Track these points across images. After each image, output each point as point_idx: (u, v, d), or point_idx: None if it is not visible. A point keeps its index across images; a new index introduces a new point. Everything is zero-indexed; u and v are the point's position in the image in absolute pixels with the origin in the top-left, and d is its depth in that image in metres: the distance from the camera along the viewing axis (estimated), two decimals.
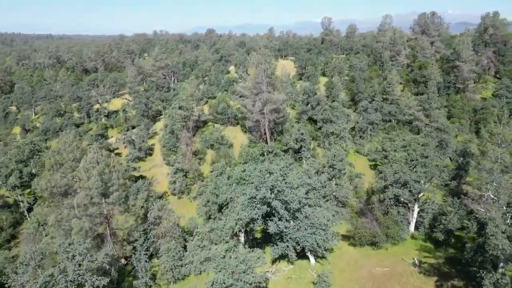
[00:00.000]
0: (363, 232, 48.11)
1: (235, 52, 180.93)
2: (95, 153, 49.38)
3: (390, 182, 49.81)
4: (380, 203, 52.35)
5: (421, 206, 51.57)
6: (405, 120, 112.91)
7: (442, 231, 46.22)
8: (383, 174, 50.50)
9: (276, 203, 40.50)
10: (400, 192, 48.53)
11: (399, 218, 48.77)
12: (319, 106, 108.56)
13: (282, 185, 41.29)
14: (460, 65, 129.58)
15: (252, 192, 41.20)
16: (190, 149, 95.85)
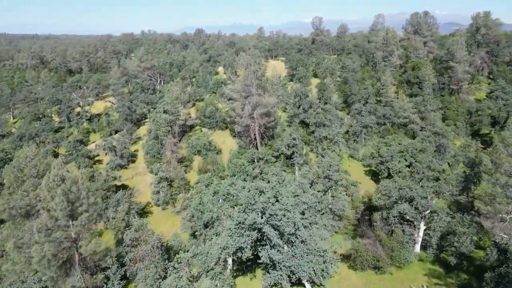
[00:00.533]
0: (365, 255, 42.49)
1: (224, 52, 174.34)
2: (60, 169, 42.62)
3: (395, 199, 44.20)
4: (383, 221, 46.70)
5: (427, 223, 46.08)
6: (400, 123, 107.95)
7: (454, 254, 40.77)
8: (387, 190, 44.81)
9: (268, 229, 34.42)
10: (406, 210, 42.95)
11: (405, 239, 43.24)
12: (311, 109, 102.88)
13: (274, 208, 35.23)
14: (454, 66, 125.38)
15: (240, 216, 35.05)
16: (175, 156, 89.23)
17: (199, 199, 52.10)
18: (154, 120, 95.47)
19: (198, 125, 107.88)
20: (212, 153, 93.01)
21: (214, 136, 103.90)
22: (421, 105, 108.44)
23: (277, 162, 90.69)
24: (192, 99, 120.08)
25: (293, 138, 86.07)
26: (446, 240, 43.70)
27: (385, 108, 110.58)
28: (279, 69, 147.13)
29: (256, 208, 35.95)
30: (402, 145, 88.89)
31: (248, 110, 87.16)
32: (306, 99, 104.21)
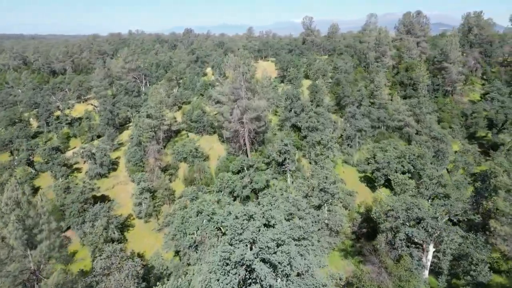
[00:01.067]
0: (369, 285, 36.88)
1: (212, 52, 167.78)
2: (14, 191, 36.01)
3: (402, 221, 38.65)
4: (388, 244, 41.13)
5: (436, 245, 40.68)
6: (395, 126, 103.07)
7: (470, 284, 35.43)
8: (392, 209, 39.18)
9: (259, 266, 28.44)
10: (415, 233, 37.45)
11: (413, 265, 37.80)
12: (303, 112, 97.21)
13: (266, 238, 29.30)
14: (448, 67, 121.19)
15: (225, 250, 28.98)
16: (159, 163, 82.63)
17: (181, 218, 45.84)
18: (137, 125, 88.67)
19: (184, 130, 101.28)
20: (199, 160, 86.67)
21: (201, 141, 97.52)
22: (417, 107, 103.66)
23: (268, 169, 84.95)
24: (178, 102, 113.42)
25: (284, 144, 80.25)
26: (459, 264, 38.31)
27: (379, 110, 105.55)
28: (269, 70, 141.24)
29: (244, 239, 29.96)
30: (399, 150, 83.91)
31: (237, 115, 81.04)
32: (297, 102, 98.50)
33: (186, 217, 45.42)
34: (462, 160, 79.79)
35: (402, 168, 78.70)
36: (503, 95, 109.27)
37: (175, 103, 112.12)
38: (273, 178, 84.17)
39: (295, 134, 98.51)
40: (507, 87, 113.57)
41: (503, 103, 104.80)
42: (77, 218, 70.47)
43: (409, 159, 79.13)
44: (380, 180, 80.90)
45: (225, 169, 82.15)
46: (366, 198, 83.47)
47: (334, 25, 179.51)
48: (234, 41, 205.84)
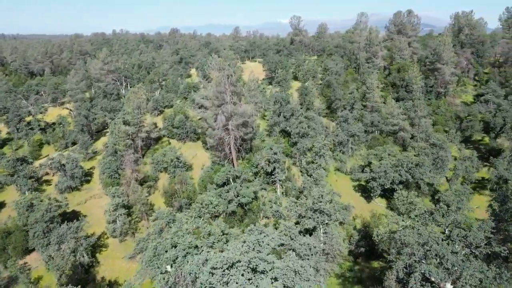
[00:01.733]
0: None
1: (198, 53, 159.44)
2: None
3: (418, 258, 31.74)
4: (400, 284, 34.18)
5: (454, 282, 33.93)
6: (389, 131, 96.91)
7: None
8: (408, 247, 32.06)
9: None
10: (434, 272, 30.58)
11: None
12: (293, 117, 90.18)
13: None
14: (441, 68, 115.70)
15: None
16: (136, 175, 74.39)
17: (153, 250, 38.07)
18: (113, 132, 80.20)
19: (165, 136, 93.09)
20: (181, 171, 78.76)
21: (184, 148, 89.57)
22: (411, 110, 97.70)
23: (256, 179, 77.67)
24: (160, 106, 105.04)
25: (274, 153, 73.10)
26: None
27: (373, 114, 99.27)
28: (257, 71, 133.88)
29: None
30: (395, 158, 77.56)
31: (222, 121, 73.38)
32: (287, 106, 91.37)
33: (159, 249, 37.70)
34: (463, 167, 73.80)
35: (399, 177, 72.38)
36: (499, 97, 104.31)
37: (156, 107, 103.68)
38: (262, 189, 76.99)
39: (285, 140, 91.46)
40: (502, 88, 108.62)
41: (500, 105, 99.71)
42: (42, 240, 61.94)
43: (406, 168, 72.82)
44: (376, 190, 74.47)
45: (209, 180, 74.52)
46: (361, 210, 76.98)
47: (322, 25, 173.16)
48: (220, 41, 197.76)
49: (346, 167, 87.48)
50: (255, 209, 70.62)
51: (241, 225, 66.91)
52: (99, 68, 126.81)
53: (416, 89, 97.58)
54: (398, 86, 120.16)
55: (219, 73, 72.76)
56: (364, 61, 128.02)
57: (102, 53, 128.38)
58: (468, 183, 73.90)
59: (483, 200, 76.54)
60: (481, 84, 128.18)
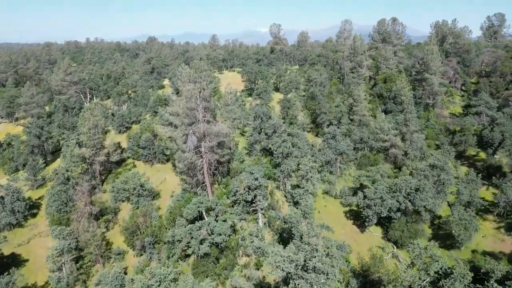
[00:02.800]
0: None
1: (172, 62, 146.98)
2: None
3: None
4: None
5: None
6: (379, 148, 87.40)
7: None
8: None
9: None
10: None
11: None
12: (275, 134, 79.28)
13: None
14: (429, 78, 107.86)
15: None
16: (90, 208, 61.35)
17: None
18: (65, 156, 66.97)
19: (131, 158, 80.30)
20: (146, 200, 66.28)
21: (151, 172, 77.11)
22: (402, 125, 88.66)
23: (235, 207, 66.03)
24: (126, 122, 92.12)
25: (254, 178, 61.80)
26: None
27: (362, 130, 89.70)
28: (236, 81, 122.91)
29: None
30: (391, 181, 67.72)
31: (193, 142, 61.57)
32: (268, 122, 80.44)
33: None
34: (466, 192, 64.48)
35: (397, 204, 62.37)
36: (491, 109, 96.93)
37: (121, 123, 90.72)
38: (241, 219, 65.42)
39: (267, 159, 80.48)
40: (492, 99, 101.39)
41: (493, 118, 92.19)
42: None
43: (405, 193, 62.94)
44: (372, 220, 64.12)
45: (179, 212, 62.29)
46: (355, 241, 66.53)
47: (303, 33, 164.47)
48: (197, 50, 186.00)
49: (335, 189, 77.04)
50: (233, 246, 59.07)
51: (217, 268, 55.14)
52: (60, 79, 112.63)
53: (407, 101, 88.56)
54: (385, 97, 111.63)
55: (190, 87, 61.12)
56: (348, 71, 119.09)
57: (64, 63, 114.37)
58: (473, 209, 64.57)
59: (488, 227, 67.63)
60: (469, 94, 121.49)
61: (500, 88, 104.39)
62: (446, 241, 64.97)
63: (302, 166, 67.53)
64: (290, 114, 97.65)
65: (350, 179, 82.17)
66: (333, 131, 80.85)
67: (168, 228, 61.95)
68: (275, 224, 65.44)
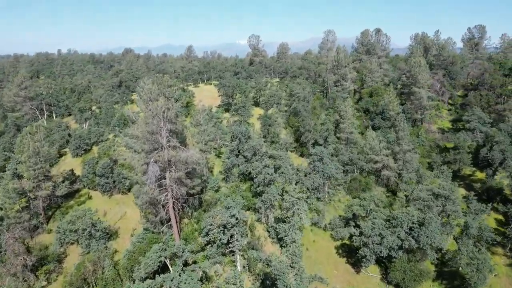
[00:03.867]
0: None
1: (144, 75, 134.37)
2: None
3: None
4: None
5: None
6: (370, 169, 77.87)
7: None
8: None
9: None
10: None
11: None
12: (255, 157, 68.49)
13: None
14: (418, 91, 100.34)
15: None
16: (23, 259, 48.20)
17: None
18: None
19: (86, 187, 67.46)
20: (100, 242, 53.68)
21: (110, 204, 64.51)
22: (394, 143, 79.68)
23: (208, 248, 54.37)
24: (84, 144, 79.14)
25: (231, 215, 50.58)
26: None
27: (350, 148, 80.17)
28: (212, 96, 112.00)
29: None
30: (390, 213, 57.83)
31: (155, 173, 49.83)
32: (247, 143, 69.60)
33: None
34: (475, 223, 55.21)
35: (399, 241, 52.36)
36: (485, 125, 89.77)
37: (78, 145, 77.74)
38: (216, 262, 53.75)
39: (246, 186, 69.46)
40: (484, 114, 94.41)
41: (488, 135, 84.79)
42: None
43: (407, 228, 53.08)
44: (370, 259, 53.76)
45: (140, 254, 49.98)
46: (348, 283, 55.95)
47: (283, 45, 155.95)
48: (173, 62, 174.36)
49: (324, 220, 66.52)
50: None
51: None
52: (13, 95, 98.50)
53: (400, 118, 79.75)
54: (372, 112, 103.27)
55: (151, 106, 49.65)
56: (332, 84, 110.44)
57: (18, 76, 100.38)
58: (484, 245, 55.25)
59: (499, 263, 58.44)
60: (456, 108, 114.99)
61: (492, 102, 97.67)
62: (453, 281, 55.42)
63: (287, 196, 56.76)
64: (272, 132, 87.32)
65: (340, 206, 72.09)
66: (320, 152, 70.67)
67: (125, 278, 49.60)
68: (256, 267, 54.16)
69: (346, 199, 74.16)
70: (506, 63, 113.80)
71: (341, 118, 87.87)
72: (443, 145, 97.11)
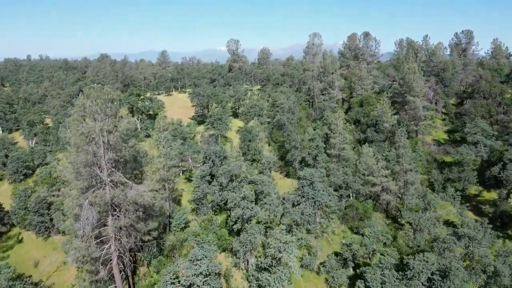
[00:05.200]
0: None
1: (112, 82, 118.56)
2: None
3: None
4: None
5: None
6: (368, 194, 65.32)
7: None
8: None
9: None
10: None
11: None
12: (232, 183, 54.78)
13: None
14: (413, 101, 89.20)
15: None
16: None
17: None
18: None
19: (17, 226, 51.82)
20: None
21: (44, 249, 49.30)
22: (393, 162, 67.66)
23: None
24: (24, 167, 63.27)
25: (196, 274, 36.64)
26: None
27: (344, 169, 67.46)
28: (186, 105, 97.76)
29: None
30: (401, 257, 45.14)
31: (91, 220, 35.21)
32: (223, 166, 55.76)
33: None
34: (507, 270, 43.03)
35: None
36: (489, 138, 79.15)
37: (17, 169, 61.89)
38: None
39: (222, 218, 55.53)
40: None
41: (493, 149, 74.24)
42: None
43: (425, 279, 40.38)
44: None
45: None
46: None
47: (264, 50, 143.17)
48: (144, 68, 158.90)
49: (317, 260, 53.20)
50: None
51: None
52: None
53: (400, 133, 67.75)
54: (363, 124, 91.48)
55: (84, 129, 35.27)
56: (318, 92, 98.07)
57: None
58: None
59: None
60: (451, 117, 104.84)
61: (493, 111, 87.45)
62: None
63: (273, 241, 43.15)
64: (253, 148, 73.79)
65: (335, 239, 59.15)
66: (310, 175, 57.60)
67: None
68: None
69: (341, 229, 61.31)
70: (502, 69, 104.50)
71: (331, 132, 75.28)
72: (440, 159, 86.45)
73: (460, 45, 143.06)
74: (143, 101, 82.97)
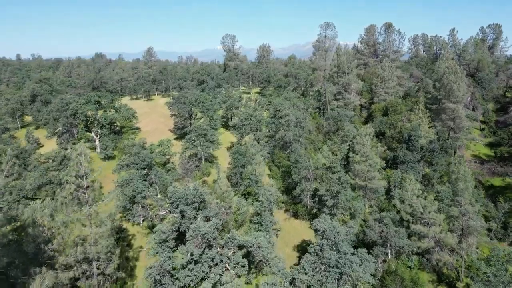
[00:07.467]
0: None
1: (84, 86, 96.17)
2: None
3: None
4: None
5: None
6: (414, 249, 42.94)
7: None
8: None
9: None
10: None
11: None
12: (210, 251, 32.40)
13: None
14: (454, 108, 66.76)
15: None
16: None
17: None
18: None
19: None
20: None
21: None
22: (446, 201, 45.40)
23: None
24: None
25: None
26: None
27: (380, 215, 45.05)
28: (167, 115, 75.53)
29: None
30: None
31: None
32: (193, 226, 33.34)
33: None
34: None
35: None
36: None
37: None
38: None
39: None
40: None
41: None
42: None
43: None
44: None
45: None
46: None
47: (264, 47, 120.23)
48: (124, 67, 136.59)
49: None
50: None
51: None
52: None
53: (458, 160, 45.29)
54: (388, 137, 68.93)
55: None
56: (331, 97, 75.41)
57: None
58: None
59: None
60: (490, 127, 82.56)
61: None
62: None
63: None
64: (247, 177, 51.37)
65: None
66: (332, 232, 35.24)
67: None
68: None
69: None
70: None
71: (355, 154, 52.79)
72: (486, 182, 64.69)
73: (486, 41, 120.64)
74: (105, 110, 60.76)
